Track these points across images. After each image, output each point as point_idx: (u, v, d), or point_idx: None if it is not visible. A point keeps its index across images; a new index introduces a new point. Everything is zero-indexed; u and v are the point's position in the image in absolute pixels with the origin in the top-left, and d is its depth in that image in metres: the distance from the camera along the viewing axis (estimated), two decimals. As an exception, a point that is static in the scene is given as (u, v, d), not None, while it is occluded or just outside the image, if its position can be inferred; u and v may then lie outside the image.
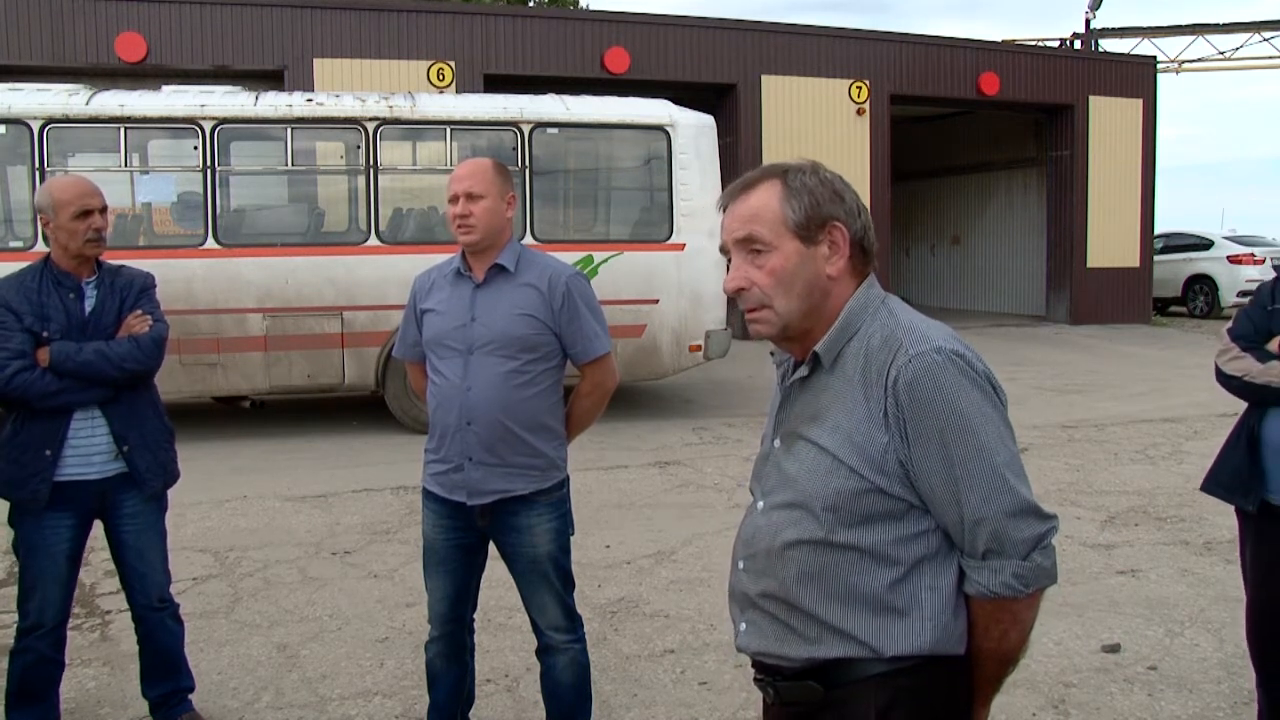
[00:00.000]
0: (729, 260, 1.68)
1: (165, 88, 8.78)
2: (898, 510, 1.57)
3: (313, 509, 6.33)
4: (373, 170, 8.65)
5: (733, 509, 6.16)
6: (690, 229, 8.94)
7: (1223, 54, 23.63)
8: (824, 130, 16.12)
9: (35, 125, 8.01)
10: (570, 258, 7.39)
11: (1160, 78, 19.20)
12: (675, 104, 9.43)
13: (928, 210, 22.29)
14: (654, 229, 9.13)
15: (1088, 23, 22.08)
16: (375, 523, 6.01)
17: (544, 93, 9.52)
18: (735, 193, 1.66)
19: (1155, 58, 19.88)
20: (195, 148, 8.31)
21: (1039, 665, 3.91)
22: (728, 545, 1.83)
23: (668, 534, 5.74)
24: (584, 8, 26.70)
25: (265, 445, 8.25)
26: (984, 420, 1.53)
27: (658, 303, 8.96)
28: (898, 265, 21.20)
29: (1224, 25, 23.40)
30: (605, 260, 8.81)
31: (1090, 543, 5.53)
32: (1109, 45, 22.48)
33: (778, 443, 1.70)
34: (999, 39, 25.55)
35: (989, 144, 20.42)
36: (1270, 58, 23.75)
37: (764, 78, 15.90)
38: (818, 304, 1.63)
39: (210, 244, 8.30)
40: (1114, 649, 4.09)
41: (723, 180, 8.62)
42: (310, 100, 8.73)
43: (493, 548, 3.05)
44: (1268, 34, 23.17)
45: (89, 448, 3.18)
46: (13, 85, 8.64)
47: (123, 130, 8.23)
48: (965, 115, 19.74)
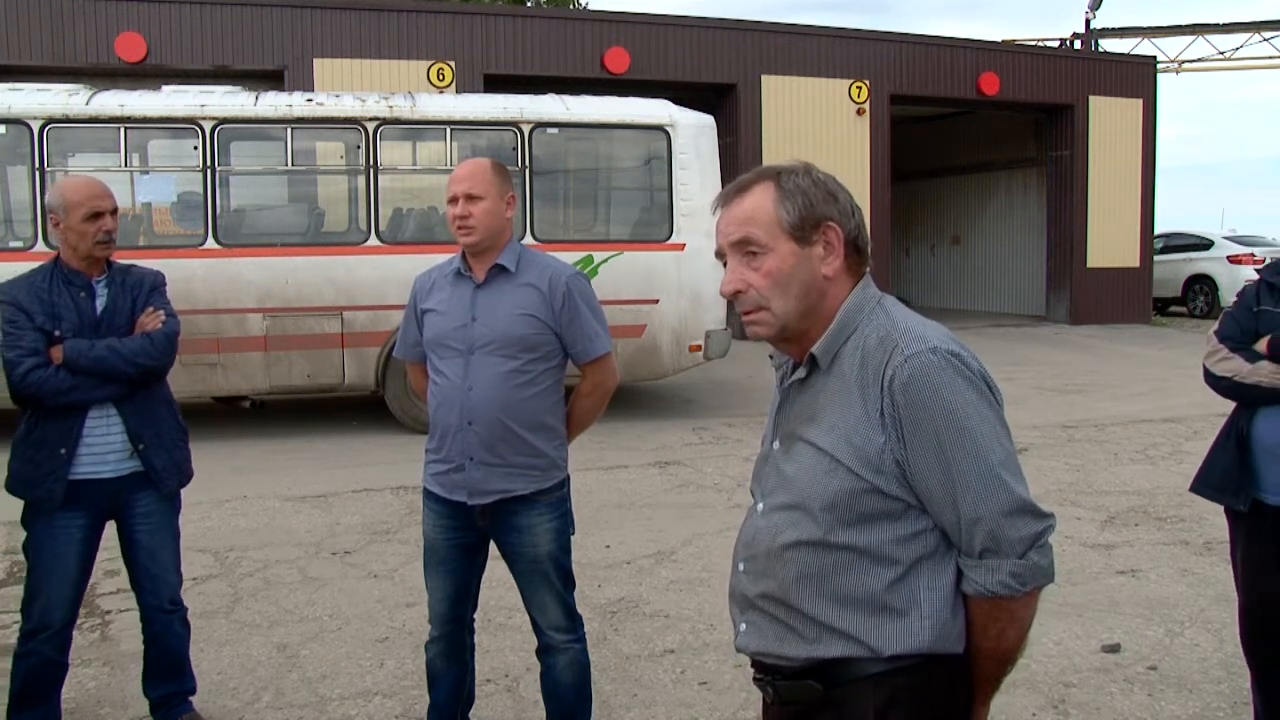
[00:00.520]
0: (725, 263, 1.68)
1: (165, 88, 8.78)
2: (895, 510, 1.57)
3: (313, 509, 6.33)
4: (373, 170, 8.65)
5: (733, 509, 6.16)
6: (690, 229, 8.95)
7: (1223, 54, 23.63)
8: (824, 130, 16.12)
9: (35, 125, 8.01)
10: (570, 258, 7.39)
11: (1160, 78, 19.21)
12: (675, 104, 9.43)
13: (928, 210, 22.28)
14: (654, 229, 9.14)
15: (1088, 23, 22.09)
16: (375, 523, 6.01)
17: (544, 93, 9.53)
18: (729, 196, 1.67)
19: (1155, 58, 19.89)
20: (195, 148, 8.32)
21: (1039, 665, 3.91)
22: (728, 545, 1.84)
23: (668, 534, 5.74)
24: (584, 8, 26.69)
25: (265, 445, 8.25)
26: (980, 420, 1.53)
27: (658, 303, 8.96)
28: (898, 265, 21.19)
29: (1224, 25, 23.40)
30: (605, 260, 8.81)
31: (1090, 543, 5.53)
32: (1109, 45, 22.49)
33: (777, 444, 1.71)
34: (999, 39, 25.57)
35: (989, 144, 20.41)
36: (1270, 58, 23.77)
37: (764, 78, 15.90)
38: (814, 304, 1.63)
39: (210, 244, 8.31)
40: (1114, 649, 4.09)
41: (723, 180, 8.61)
42: (310, 100, 8.73)
43: (493, 547, 3.06)
44: (1268, 34, 23.18)
45: (104, 446, 3.17)
46: (13, 85, 8.64)
47: (123, 130, 8.23)
48: (965, 115, 19.74)
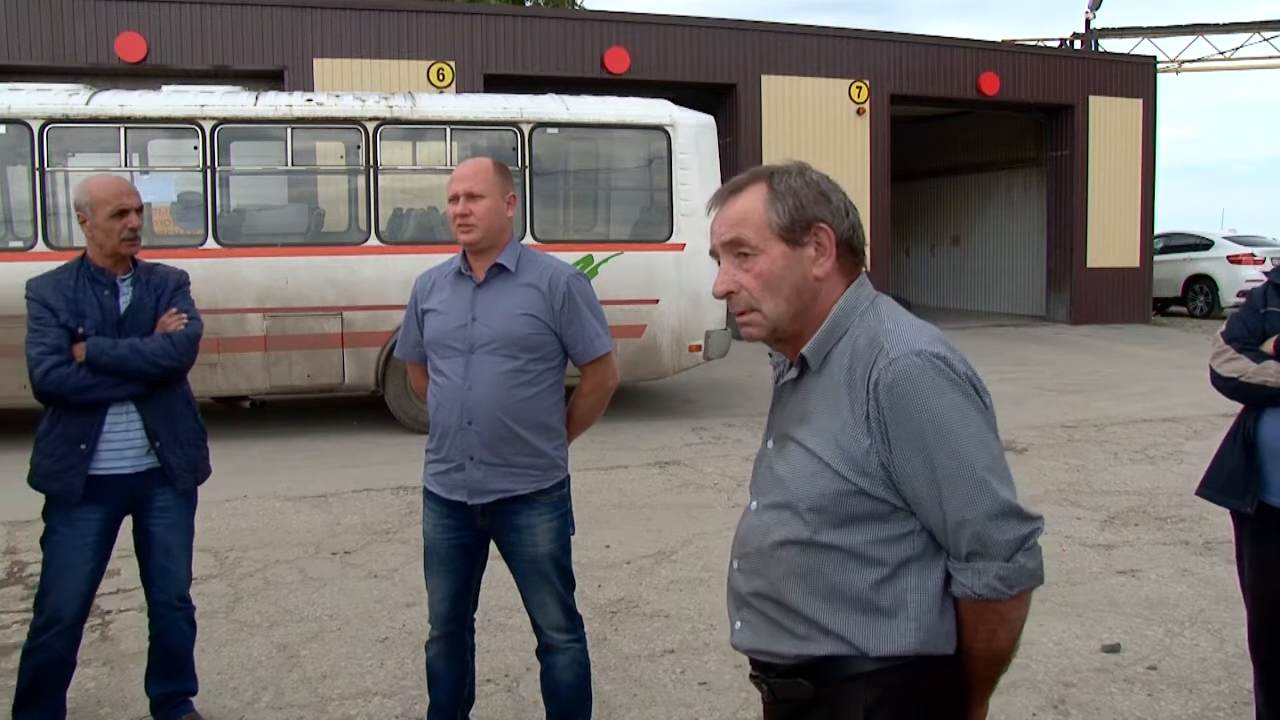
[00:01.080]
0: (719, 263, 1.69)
1: (165, 88, 8.77)
2: (881, 512, 1.58)
3: (313, 509, 6.33)
4: (373, 170, 8.64)
5: (733, 509, 6.16)
6: (690, 229, 8.94)
7: (1223, 54, 23.63)
8: (824, 130, 16.12)
9: (35, 125, 8.01)
10: (570, 258, 7.40)
11: (1160, 78, 19.20)
12: (675, 104, 9.43)
13: (928, 210, 22.27)
14: (654, 229, 9.13)
15: (1088, 23, 22.09)
16: (375, 523, 6.01)
17: (544, 93, 9.52)
18: (722, 197, 1.69)
19: (1155, 58, 19.87)
20: (195, 148, 8.31)
21: (1039, 665, 3.91)
22: (727, 545, 1.84)
23: (668, 534, 5.74)
24: (584, 7, 26.68)
25: (265, 445, 8.26)
26: (964, 423, 1.53)
27: (658, 303, 8.96)
28: (898, 265, 21.17)
29: (1224, 25, 23.40)
30: (605, 260, 8.81)
31: (1090, 543, 5.53)
32: (1109, 45, 22.49)
33: (771, 444, 1.72)
34: (999, 39, 25.52)
35: (989, 144, 20.40)
36: (1270, 58, 23.76)
37: (764, 78, 15.89)
38: (806, 306, 1.64)
39: (210, 244, 8.30)
40: (1114, 649, 4.09)
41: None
42: (310, 100, 8.73)
43: (493, 547, 3.06)
44: (1268, 34, 23.17)
45: (123, 442, 3.21)
46: (13, 85, 8.63)
47: (123, 130, 8.23)
48: (965, 115, 19.72)
